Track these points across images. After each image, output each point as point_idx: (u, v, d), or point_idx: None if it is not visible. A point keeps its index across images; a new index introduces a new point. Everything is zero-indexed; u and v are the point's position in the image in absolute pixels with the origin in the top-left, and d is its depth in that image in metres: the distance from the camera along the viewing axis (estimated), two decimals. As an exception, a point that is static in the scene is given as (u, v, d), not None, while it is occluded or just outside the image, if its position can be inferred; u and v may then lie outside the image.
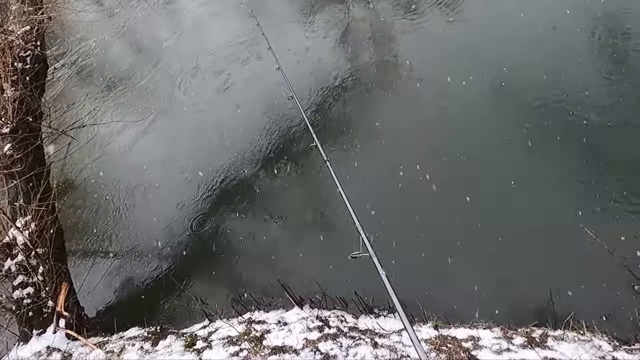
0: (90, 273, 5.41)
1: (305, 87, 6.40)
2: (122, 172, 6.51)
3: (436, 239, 4.47)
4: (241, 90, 6.97)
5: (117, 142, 6.89)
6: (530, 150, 4.76)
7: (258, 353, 3.70)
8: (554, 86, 5.17)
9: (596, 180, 4.35)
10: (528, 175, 4.61)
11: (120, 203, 6.16)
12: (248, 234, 5.37)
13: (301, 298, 4.43)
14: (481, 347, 3.29)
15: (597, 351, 3.14)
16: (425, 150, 5.21)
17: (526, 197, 4.46)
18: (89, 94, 7.67)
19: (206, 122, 6.75)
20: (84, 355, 4.31)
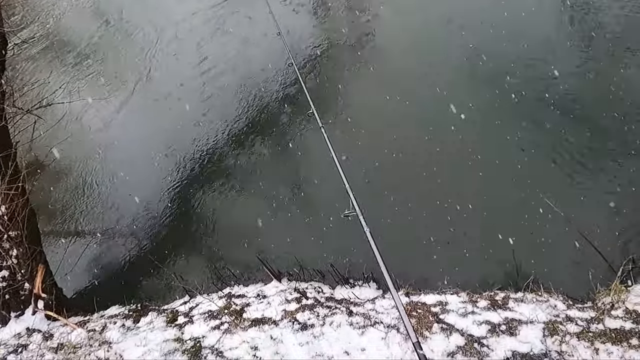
0: (66, 254, 5.39)
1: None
2: (94, 151, 6.40)
3: (406, 210, 4.66)
4: (218, 61, 6.86)
5: (87, 120, 6.73)
6: (499, 122, 4.96)
7: (238, 325, 3.84)
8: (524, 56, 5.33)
9: (557, 152, 4.59)
10: (493, 147, 4.81)
11: (93, 182, 6.09)
12: (226, 210, 5.44)
13: (279, 272, 4.58)
14: (448, 311, 3.52)
15: (552, 310, 3.41)
16: (402, 120, 5.34)
17: (491, 169, 4.68)
18: (54, 71, 7.40)
19: (181, 96, 6.66)
20: (65, 335, 4.36)
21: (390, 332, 3.41)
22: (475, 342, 3.19)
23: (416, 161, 4.96)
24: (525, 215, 4.32)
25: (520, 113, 4.99)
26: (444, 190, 4.67)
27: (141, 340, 3.96)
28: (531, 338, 3.13)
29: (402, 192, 4.82)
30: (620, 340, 2.97)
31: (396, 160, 5.05)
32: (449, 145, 4.97)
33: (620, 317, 3.22)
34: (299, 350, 3.44)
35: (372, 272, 4.32)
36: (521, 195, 4.43)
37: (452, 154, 4.90)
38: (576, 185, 4.36)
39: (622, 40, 5.25)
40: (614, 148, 4.42)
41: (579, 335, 3.07)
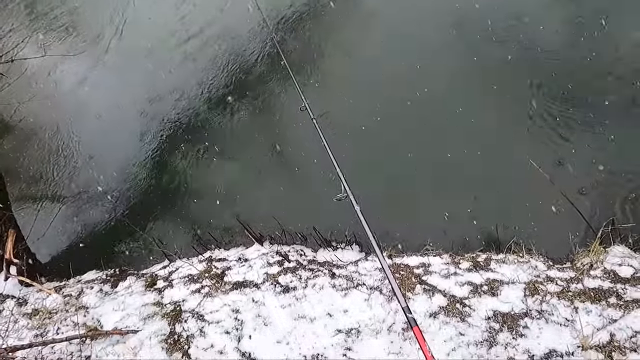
0: (38, 218, 5.20)
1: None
2: (66, 110, 6.08)
3: (389, 173, 4.58)
4: (199, 14, 6.49)
5: (57, 78, 6.36)
6: (482, 85, 4.84)
7: (219, 289, 3.78)
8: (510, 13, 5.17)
9: (541, 114, 4.52)
10: (475, 109, 4.71)
11: (66, 144, 5.81)
12: (205, 173, 5.28)
13: (261, 235, 4.50)
14: (431, 273, 3.52)
15: (533, 271, 3.44)
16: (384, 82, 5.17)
17: (473, 130, 4.60)
18: (16, 24, 6.90)
19: (158, 57, 6.31)
20: (40, 301, 4.25)
21: (373, 294, 3.39)
22: (458, 302, 3.20)
23: (398, 124, 4.84)
24: (508, 176, 4.28)
25: (502, 74, 4.86)
26: (426, 153, 4.58)
27: (119, 304, 3.89)
28: (512, 298, 3.15)
29: (384, 155, 4.72)
30: (598, 299, 3.01)
31: (378, 123, 4.92)
32: (432, 107, 4.85)
33: (598, 277, 3.26)
34: (281, 313, 3.42)
35: (355, 235, 4.28)
36: (504, 156, 4.38)
37: (434, 115, 4.79)
38: (559, 147, 4.32)
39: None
40: (599, 109, 4.37)
41: (559, 295, 3.10)
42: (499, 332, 2.94)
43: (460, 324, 3.04)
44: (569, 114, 4.40)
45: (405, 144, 4.72)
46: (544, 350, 2.76)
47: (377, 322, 3.19)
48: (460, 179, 4.39)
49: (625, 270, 3.28)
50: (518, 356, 2.77)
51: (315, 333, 3.22)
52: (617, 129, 4.25)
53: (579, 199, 3.96)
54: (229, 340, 3.30)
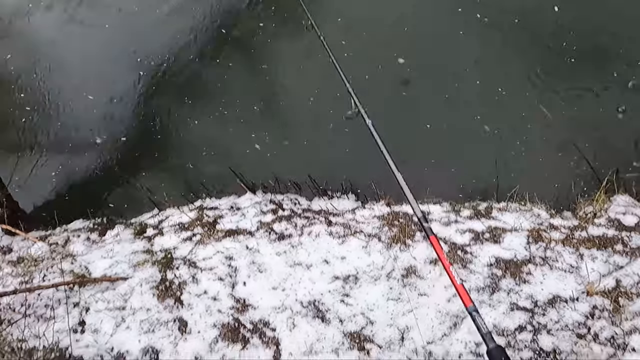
0: (18, 166, 4.96)
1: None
2: (47, 52, 5.67)
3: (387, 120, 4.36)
4: None
5: (37, 17, 5.90)
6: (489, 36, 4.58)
7: (211, 236, 3.65)
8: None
9: (547, 56, 4.31)
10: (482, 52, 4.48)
11: (47, 87, 5.46)
12: (196, 121, 5.02)
13: (253, 184, 4.34)
14: (431, 221, 3.41)
15: (536, 219, 3.35)
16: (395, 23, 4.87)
17: (476, 74, 4.37)
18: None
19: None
20: (25, 249, 4.09)
21: (372, 241, 3.29)
22: (459, 249, 3.11)
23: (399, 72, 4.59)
24: (512, 123, 4.12)
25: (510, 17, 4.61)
26: (426, 98, 4.39)
27: (107, 252, 3.75)
28: (515, 245, 3.07)
29: (382, 102, 4.51)
30: (604, 246, 2.94)
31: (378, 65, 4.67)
32: (439, 51, 4.59)
33: (603, 225, 3.19)
34: (276, 260, 3.31)
35: (351, 183, 4.14)
36: (507, 100, 4.20)
37: (442, 61, 4.54)
38: (567, 96, 4.14)
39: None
40: (610, 56, 4.17)
41: (564, 242, 3.03)
42: (502, 278, 2.87)
43: (462, 270, 2.96)
44: (579, 58, 4.19)
45: (405, 87, 4.51)
46: (547, 296, 2.70)
47: (375, 269, 3.10)
48: (460, 125, 4.22)
49: (630, 219, 3.21)
50: (521, 302, 2.70)
51: (312, 279, 3.12)
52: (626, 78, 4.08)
53: (584, 147, 3.84)
54: (223, 286, 3.20)
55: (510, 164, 3.92)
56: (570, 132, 3.94)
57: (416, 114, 4.36)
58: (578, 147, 3.65)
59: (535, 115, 3.99)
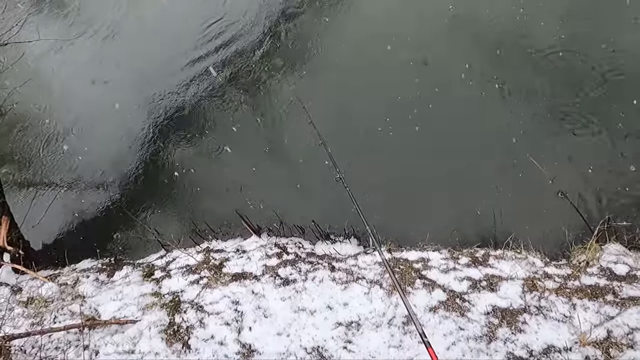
0: (33, 205, 5.13)
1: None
2: (60, 96, 5.97)
3: (389, 168, 4.58)
4: (198, 11, 6.38)
5: (50, 63, 6.22)
6: (481, 78, 4.85)
7: (218, 280, 3.77)
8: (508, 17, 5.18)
9: (538, 111, 4.55)
10: (474, 103, 4.73)
11: (61, 130, 5.71)
12: (203, 164, 5.24)
13: (259, 227, 4.49)
14: (430, 268, 3.54)
15: (531, 267, 3.48)
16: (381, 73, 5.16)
17: (472, 126, 4.61)
18: (9, 7, 6.73)
19: (154, 38, 6.20)
20: (35, 289, 4.20)
21: (374, 288, 3.42)
22: (457, 297, 3.23)
23: (395, 117, 4.83)
24: (506, 173, 4.32)
25: (502, 70, 4.88)
26: (425, 147, 4.60)
27: (117, 294, 3.86)
28: (511, 293, 3.19)
29: (383, 149, 4.73)
30: (596, 296, 3.06)
31: (375, 115, 4.91)
32: (429, 99, 4.85)
33: (595, 274, 3.32)
34: (281, 305, 3.42)
35: (354, 228, 4.29)
36: (502, 153, 4.41)
37: (432, 109, 4.79)
38: (557, 145, 4.35)
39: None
40: (596, 109, 4.41)
41: (557, 291, 3.15)
42: (498, 327, 2.98)
43: (460, 318, 3.07)
44: (569, 112, 4.42)
45: (404, 137, 4.73)
46: (542, 345, 2.81)
47: (377, 316, 3.22)
48: (458, 175, 4.40)
49: (621, 268, 3.34)
50: (517, 351, 2.81)
51: (315, 325, 3.23)
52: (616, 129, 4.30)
53: (576, 197, 4.01)
54: (229, 331, 3.30)
55: (506, 212, 4.08)
56: (563, 181, 4.12)
57: (415, 161, 4.55)
58: (568, 196, 3.81)
59: (527, 165, 4.18)
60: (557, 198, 4.00)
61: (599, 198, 4.09)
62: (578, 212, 3.74)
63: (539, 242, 3.84)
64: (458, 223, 4.17)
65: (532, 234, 3.89)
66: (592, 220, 3.91)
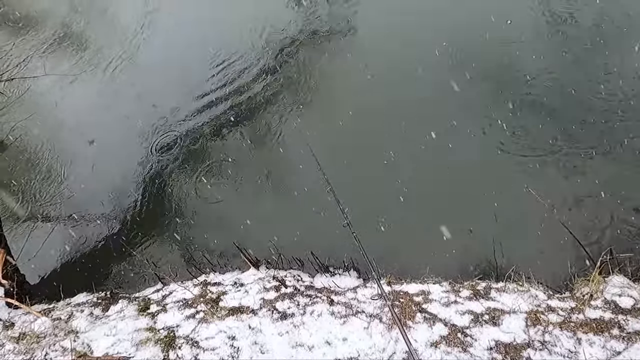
0: (29, 238, 5.09)
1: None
2: (60, 130, 6.05)
3: (387, 200, 4.57)
4: (200, 44, 6.57)
5: (53, 97, 6.34)
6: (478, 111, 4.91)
7: (215, 314, 3.70)
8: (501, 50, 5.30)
9: (538, 142, 4.59)
10: (473, 136, 4.77)
11: (59, 163, 5.75)
12: (201, 196, 5.24)
13: (257, 259, 4.43)
14: (431, 301, 3.47)
15: (534, 300, 3.41)
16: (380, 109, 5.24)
17: (471, 158, 4.64)
18: (16, 44, 6.93)
19: (153, 76, 6.35)
20: (28, 324, 4.11)
21: (373, 322, 3.34)
22: (459, 331, 3.15)
23: (395, 150, 4.87)
24: (506, 204, 4.30)
25: (500, 103, 4.96)
26: (425, 179, 4.60)
27: (110, 329, 3.77)
28: (514, 328, 3.11)
29: (383, 182, 4.73)
30: (601, 330, 2.98)
31: (375, 149, 4.95)
32: (428, 134, 4.90)
33: (599, 308, 3.25)
34: (279, 340, 3.34)
35: (353, 261, 4.23)
36: (502, 184, 4.41)
37: (432, 141, 4.83)
38: (559, 177, 4.36)
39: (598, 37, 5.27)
40: (597, 139, 4.44)
41: (561, 325, 3.07)
42: (502, 363, 2.89)
43: (462, 354, 2.99)
44: (569, 143, 4.46)
45: (403, 169, 4.74)
46: (548, 382, 2.72)
47: (377, 352, 3.13)
48: (459, 207, 4.39)
49: (626, 301, 3.27)
50: (522, 389, 2.72)
51: (314, 362, 3.14)
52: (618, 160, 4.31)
53: (577, 227, 3.97)
54: (225, 368, 3.20)
55: (507, 243, 4.04)
56: (562, 212, 4.10)
57: (414, 194, 4.55)
58: (568, 227, 3.77)
59: (526, 197, 4.16)
60: (557, 229, 3.96)
61: (600, 229, 4.06)
62: (579, 242, 3.69)
63: (541, 273, 3.77)
64: (458, 255, 4.11)
65: (533, 266, 3.83)
66: (594, 251, 3.87)
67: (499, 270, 3.84)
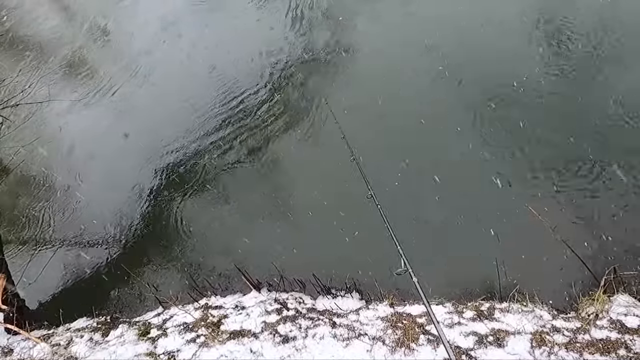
0: (30, 263, 5.07)
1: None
2: (63, 155, 6.10)
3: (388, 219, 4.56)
4: (202, 59, 6.68)
5: (57, 122, 6.43)
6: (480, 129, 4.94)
7: (216, 338, 3.65)
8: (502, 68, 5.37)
9: (540, 161, 4.60)
10: (475, 156, 4.79)
11: (62, 188, 5.79)
12: (202, 218, 5.24)
13: (258, 281, 4.41)
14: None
15: (538, 320, 3.36)
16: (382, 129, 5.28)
17: (473, 177, 4.65)
18: (22, 69, 7.07)
19: (155, 100, 6.44)
20: (27, 350, 4.07)
21: (376, 344, 3.29)
22: (463, 354, 3.10)
23: (397, 169, 4.88)
24: (508, 224, 4.29)
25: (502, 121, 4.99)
26: (426, 199, 4.60)
27: (110, 355, 3.73)
28: (519, 349, 3.06)
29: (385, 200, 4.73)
30: (608, 350, 2.93)
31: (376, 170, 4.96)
32: (430, 152, 4.93)
33: (605, 327, 3.20)
34: (281, 364, 3.28)
35: (355, 282, 4.20)
36: (504, 204, 4.40)
37: (433, 161, 4.85)
38: (559, 195, 4.36)
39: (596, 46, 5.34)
40: (597, 157, 4.45)
41: (567, 346, 3.02)
42: (508, 386, 2.84)
43: (467, 377, 2.93)
44: (571, 162, 4.46)
45: (406, 189, 4.75)
46: (555, 406, 2.66)
47: (380, 375, 3.07)
48: (459, 224, 4.38)
49: (632, 321, 3.23)
50: (529, 412, 2.65)
51: (316, 386, 3.08)
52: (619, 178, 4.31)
53: (580, 246, 3.94)
54: (226, 394, 3.14)
55: (510, 263, 4.01)
56: (564, 231, 4.08)
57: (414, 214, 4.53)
58: (570, 246, 3.75)
59: (529, 216, 4.15)
60: (560, 248, 3.93)
61: (603, 247, 4.04)
62: (582, 261, 3.67)
63: (545, 293, 3.74)
64: (461, 276, 4.08)
65: (537, 285, 3.80)
66: (598, 270, 3.83)
67: (503, 291, 3.80)
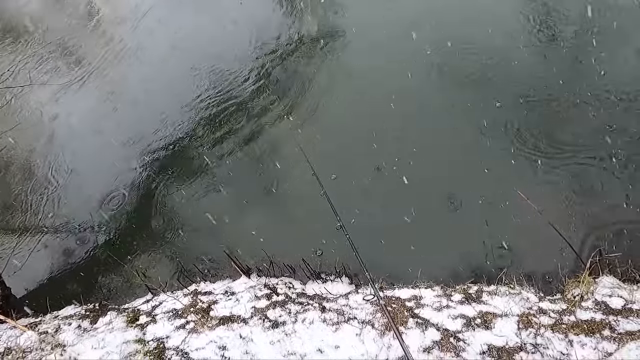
0: (15, 251, 5.00)
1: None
2: (47, 140, 5.98)
3: (378, 204, 4.57)
4: (190, 47, 6.53)
5: (40, 106, 6.27)
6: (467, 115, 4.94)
7: (205, 324, 3.64)
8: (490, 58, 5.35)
9: (527, 144, 4.62)
10: (461, 140, 4.80)
11: (46, 173, 5.68)
12: (191, 204, 5.19)
13: (248, 267, 4.40)
14: (423, 306, 3.46)
15: (525, 303, 3.41)
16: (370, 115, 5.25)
17: (459, 161, 4.66)
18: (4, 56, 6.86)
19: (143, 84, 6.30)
20: (14, 338, 4.02)
21: (365, 328, 3.31)
22: (451, 336, 3.14)
23: (386, 156, 4.87)
24: (496, 208, 4.32)
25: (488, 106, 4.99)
26: (415, 184, 4.61)
27: (99, 342, 3.70)
28: (506, 331, 3.10)
29: (374, 187, 4.73)
30: (592, 331, 2.98)
31: (365, 155, 4.95)
32: (418, 138, 4.92)
33: (590, 309, 3.25)
34: (270, 349, 3.29)
35: (345, 267, 4.21)
36: (491, 187, 4.42)
37: (421, 146, 4.84)
38: (545, 177, 4.39)
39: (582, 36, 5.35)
40: (584, 141, 4.48)
41: (553, 327, 3.07)
42: (495, 367, 2.88)
43: (455, 359, 2.96)
44: (557, 145, 4.49)
45: (393, 174, 4.75)
46: (541, 386, 2.70)
47: (369, 358, 3.10)
48: (447, 208, 4.40)
49: (616, 302, 3.28)
50: (515, 393, 2.70)
51: (306, 370, 3.10)
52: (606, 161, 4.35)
53: (567, 229, 3.99)
54: (215, 379, 3.15)
55: (498, 246, 4.05)
56: (552, 214, 4.11)
57: (405, 199, 4.55)
58: (557, 228, 3.79)
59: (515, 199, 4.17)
60: (547, 231, 3.97)
61: (589, 230, 4.09)
62: (568, 243, 3.71)
63: (532, 276, 3.79)
64: (450, 259, 4.12)
65: (524, 268, 3.86)
66: (584, 252, 3.89)
67: (491, 274, 3.84)
